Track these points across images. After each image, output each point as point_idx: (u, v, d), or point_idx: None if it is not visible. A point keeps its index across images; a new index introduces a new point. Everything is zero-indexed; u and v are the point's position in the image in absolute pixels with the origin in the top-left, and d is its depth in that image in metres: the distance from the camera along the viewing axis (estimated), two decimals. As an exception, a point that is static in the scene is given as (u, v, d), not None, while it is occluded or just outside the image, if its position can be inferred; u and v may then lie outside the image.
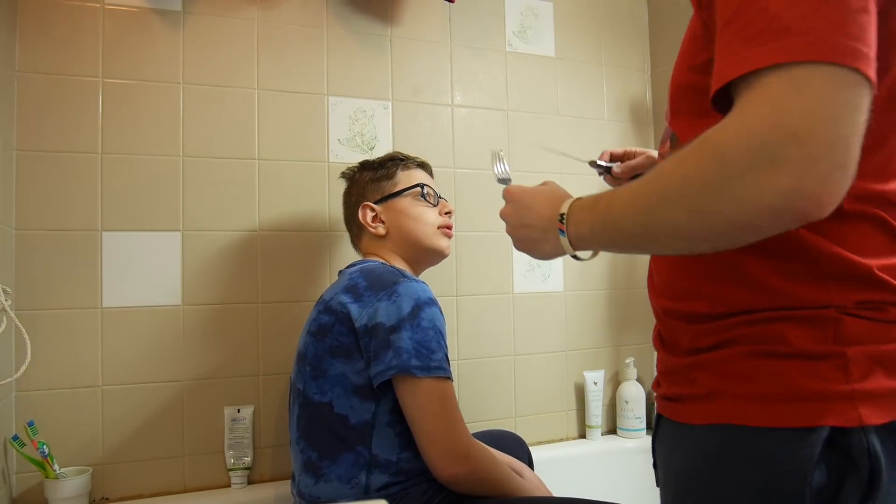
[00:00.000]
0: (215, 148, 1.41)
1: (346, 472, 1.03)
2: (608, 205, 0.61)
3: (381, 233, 1.23)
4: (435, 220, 1.25)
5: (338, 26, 1.53)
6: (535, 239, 0.72)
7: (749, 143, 0.47)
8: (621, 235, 0.60)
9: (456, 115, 1.64)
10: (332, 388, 1.05)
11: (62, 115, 1.30)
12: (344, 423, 1.04)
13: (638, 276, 1.83)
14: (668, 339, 0.72)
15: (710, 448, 0.62)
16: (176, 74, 1.38)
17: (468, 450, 1.01)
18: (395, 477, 1.04)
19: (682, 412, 0.66)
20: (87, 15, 1.33)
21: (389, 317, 1.02)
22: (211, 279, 1.39)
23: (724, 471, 0.61)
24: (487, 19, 1.69)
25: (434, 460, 1.00)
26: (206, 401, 1.37)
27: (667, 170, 0.54)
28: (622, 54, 1.85)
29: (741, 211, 0.48)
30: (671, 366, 0.70)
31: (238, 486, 1.36)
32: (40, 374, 1.26)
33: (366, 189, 1.27)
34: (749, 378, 0.60)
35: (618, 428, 1.75)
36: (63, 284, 1.29)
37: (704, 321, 0.65)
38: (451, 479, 1.00)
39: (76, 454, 1.28)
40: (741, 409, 0.60)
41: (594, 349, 1.77)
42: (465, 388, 1.59)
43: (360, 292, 1.06)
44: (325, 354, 1.06)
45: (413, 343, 1.01)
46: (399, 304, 1.03)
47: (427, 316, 1.03)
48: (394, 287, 1.05)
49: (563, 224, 0.66)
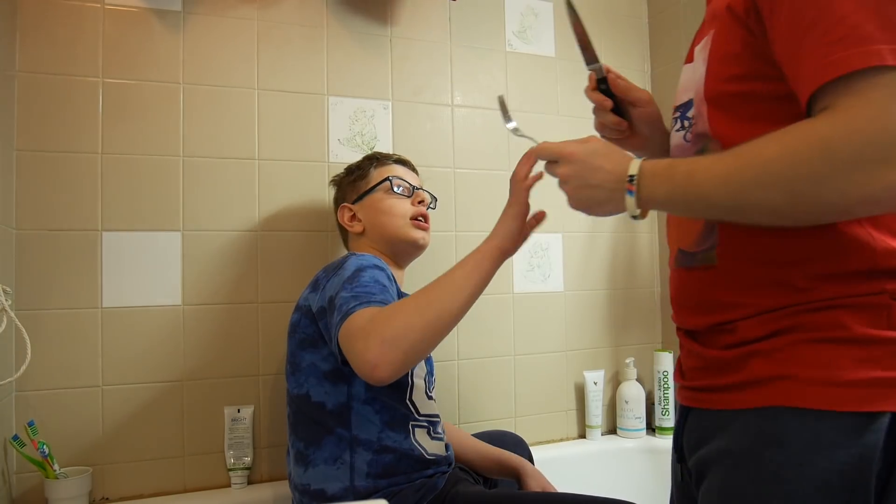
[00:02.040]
0: (215, 148, 1.41)
1: (330, 453, 1.05)
2: (689, 174, 0.64)
3: (359, 230, 1.26)
4: (406, 212, 1.24)
5: (338, 26, 1.53)
6: (599, 199, 0.73)
7: (858, 143, 0.53)
8: (703, 205, 0.64)
9: (456, 115, 1.64)
10: (306, 378, 1.08)
11: (62, 115, 1.30)
12: (322, 410, 1.06)
13: (638, 276, 1.83)
14: (707, 334, 0.72)
15: (769, 430, 0.63)
16: (176, 74, 1.38)
17: (369, 328, 0.89)
18: (380, 455, 1.05)
19: (726, 400, 0.67)
20: (87, 15, 1.33)
21: (335, 286, 1.01)
22: (211, 279, 1.39)
23: (788, 454, 0.61)
24: (487, 19, 1.69)
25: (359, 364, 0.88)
26: (206, 401, 1.37)
27: (768, 154, 0.58)
28: (622, 54, 1.85)
29: (843, 200, 0.55)
30: (713, 359, 0.70)
31: (238, 486, 1.36)
32: (40, 374, 1.26)
33: (345, 191, 1.31)
34: (809, 362, 0.62)
35: (618, 428, 1.75)
36: (63, 284, 1.29)
37: (764, 312, 0.66)
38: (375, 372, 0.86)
39: (76, 454, 1.28)
40: (801, 392, 0.61)
41: (594, 349, 1.77)
42: (465, 388, 1.59)
43: (318, 280, 1.11)
44: (297, 349, 1.10)
45: (352, 294, 0.95)
46: (341, 274, 1.02)
47: (368, 275, 1.01)
48: (342, 263, 1.07)
49: (632, 185, 0.68)
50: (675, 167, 0.66)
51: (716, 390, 0.69)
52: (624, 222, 1.81)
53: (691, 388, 0.74)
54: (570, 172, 0.75)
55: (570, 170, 0.76)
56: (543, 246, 1.71)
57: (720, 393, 0.68)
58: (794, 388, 0.62)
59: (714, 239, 0.70)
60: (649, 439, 1.70)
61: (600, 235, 1.79)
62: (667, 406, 1.70)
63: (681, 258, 0.77)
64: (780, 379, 0.63)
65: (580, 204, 0.76)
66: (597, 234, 1.78)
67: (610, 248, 1.80)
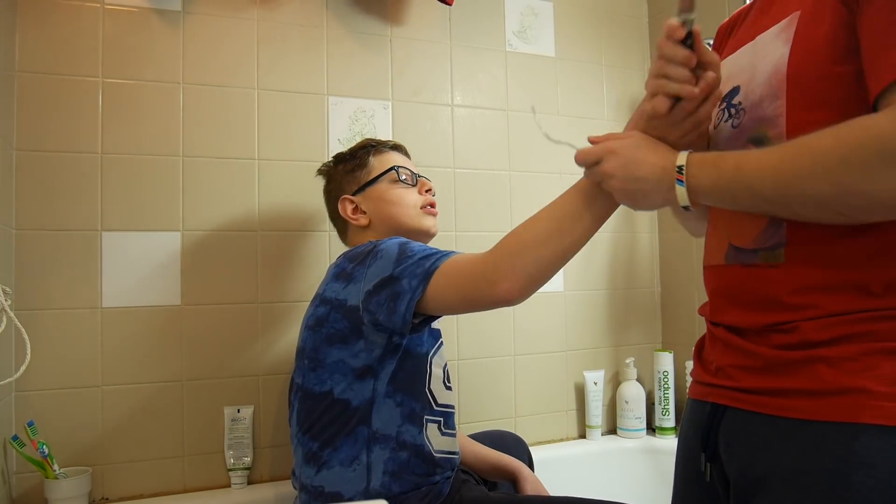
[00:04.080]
0: (215, 148, 1.41)
1: (346, 454, 1.03)
2: (737, 165, 0.65)
3: (364, 223, 1.21)
4: (416, 201, 1.21)
5: (338, 26, 1.53)
6: (646, 190, 0.73)
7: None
8: (748, 196, 0.64)
9: (456, 115, 1.64)
10: (331, 375, 1.04)
11: (62, 115, 1.30)
12: (346, 407, 1.03)
13: (638, 276, 1.83)
14: (760, 332, 0.69)
15: (855, 450, 0.59)
16: (176, 74, 1.38)
17: (495, 260, 0.88)
18: (396, 452, 1.03)
19: (787, 407, 0.65)
20: (87, 15, 1.33)
21: (385, 269, 0.97)
22: (211, 279, 1.39)
23: (880, 477, 0.58)
24: (487, 19, 1.69)
25: (491, 294, 0.88)
26: (206, 401, 1.37)
27: (822, 146, 0.58)
28: (622, 54, 1.85)
29: (891, 197, 0.56)
30: (768, 358, 0.67)
31: (238, 486, 1.36)
32: (40, 374, 1.26)
33: (342, 182, 1.25)
34: (888, 376, 0.59)
35: (618, 428, 1.75)
36: (63, 284, 1.29)
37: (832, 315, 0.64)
38: (507, 295, 0.87)
39: (76, 454, 1.28)
40: (883, 409, 0.59)
41: (594, 349, 1.77)
42: (465, 388, 1.59)
43: (350, 272, 1.04)
44: (323, 344, 1.05)
45: (416, 261, 0.94)
46: (385, 256, 0.98)
47: (413, 245, 0.99)
48: (374, 250, 1.02)
49: (681, 175, 0.69)
50: (724, 157, 0.67)
51: (771, 394, 0.66)
52: (624, 222, 1.81)
53: (733, 388, 0.70)
54: (615, 166, 0.75)
55: (615, 164, 0.75)
56: (543, 246, 1.71)
57: (778, 398, 0.65)
58: (874, 404, 0.59)
59: (781, 237, 0.68)
60: (649, 439, 1.70)
61: (600, 235, 1.78)
62: (667, 406, 1.70)
63: (734, 254, 0.74)
64: (855, 392, 0.60)
65: (625, 196, 0.77)
66: (597, 234, 1.77)
67: (610, 248, 1.80)
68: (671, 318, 1.83)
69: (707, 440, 0.74)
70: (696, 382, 0.81)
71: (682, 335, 1.78)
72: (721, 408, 0.73)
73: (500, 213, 1.65)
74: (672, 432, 1.69)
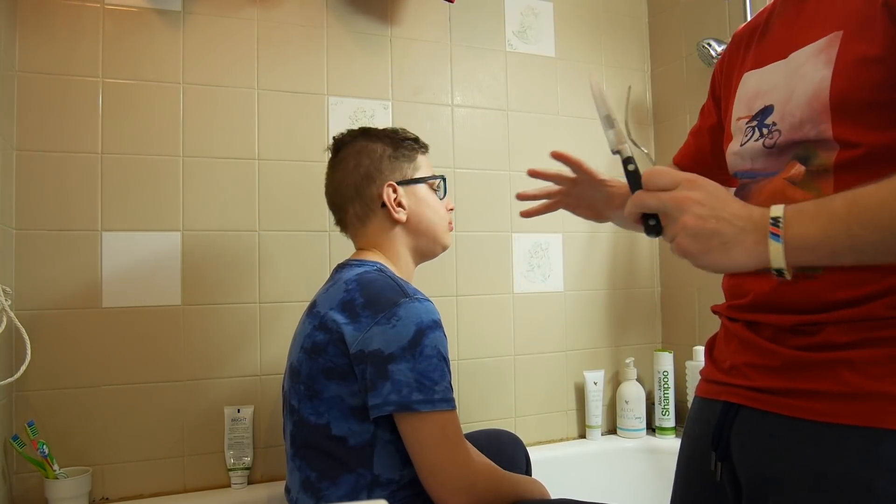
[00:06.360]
0: (215, 148, 1.41)
1: (346, 493, 0.98)
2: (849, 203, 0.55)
3: (402, 219, 1.11)
4: (446, 216, 1.19)
5: (338, 26, 1.53)
6: (725, 237, 0.58)
7: None
8: (877, 237, 0.54)
9: (456, 115, 1.64)
10: (328, 409, 0.98)
11: (62, 115, 1.30)
12: (343, 445, 0.97)
13: (638, 276, 1.83)
14: (784, 332, 0.68)
15: (879, 455, 0.58)
16: (176, 74, 1.38)
17: (472, 480, 0.96)
18: (398, 493, 1.00)
19: (807, 409, 0.63)
20: (87, 15, 1.33)
21: (388, 344, 0.93)
22: (211, 279, 1.39)
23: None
24: (487, 19, 1.69)
25: (437, 493, 0.95)
26: (206, 401, 1.37)
27: None
28: (622, 54, 1.85)
29: None
30: (789, 358, 0.66)
31: (238, 486, 1.36)
32: (40, 374, 1.26)
33: (383, 165, 1.12)
34: None
35: (618, 428, 1.75)
36: (63, 284, 1.29)
37: (860, 320, 0.62)
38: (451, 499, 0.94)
39: (76, 454, 1.28)
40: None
41: (594, 349, 1.77)
42: (465, 388, 1.59)
43: (357, 311, 0.97)
44: (320, 375, 0.98)
45: (415, 375, 0.92)
46: (399, 330, 0.93)
47: (430, 342, 0.95)
48: (394, 309, 0.95)
49: (777, 227, 0.56)
50: (826, 201, 0.57)
51: (788, 394, 0.65)
52: (624, 222, 1.81)
53: (748, 387, 0.69)
54: (700, 198, 0.60)
55: (701, 195, 0.60)
56: (543, 246, 1.71)
57: (796, 399, 0.64)
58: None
59: None
60: (649, 439, 1.70)
61: (600, 235, 1.79)
62: (667, 406, 1.70)
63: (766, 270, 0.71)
64: (879, 397, 0.59)
65: (698, 240, 0.59)
66: (597, 234, 1.78)
67: (610, 249, 1.80)
68: (671, 318, 1.83)
69: (719, 439, 0.73)
70: (707, 381, 0.79)
71: (682, 335, 1.78)
72: (734, 406, 0.71)
73: (499, 214, 1.65)
74: (672, 432, 1.70)
